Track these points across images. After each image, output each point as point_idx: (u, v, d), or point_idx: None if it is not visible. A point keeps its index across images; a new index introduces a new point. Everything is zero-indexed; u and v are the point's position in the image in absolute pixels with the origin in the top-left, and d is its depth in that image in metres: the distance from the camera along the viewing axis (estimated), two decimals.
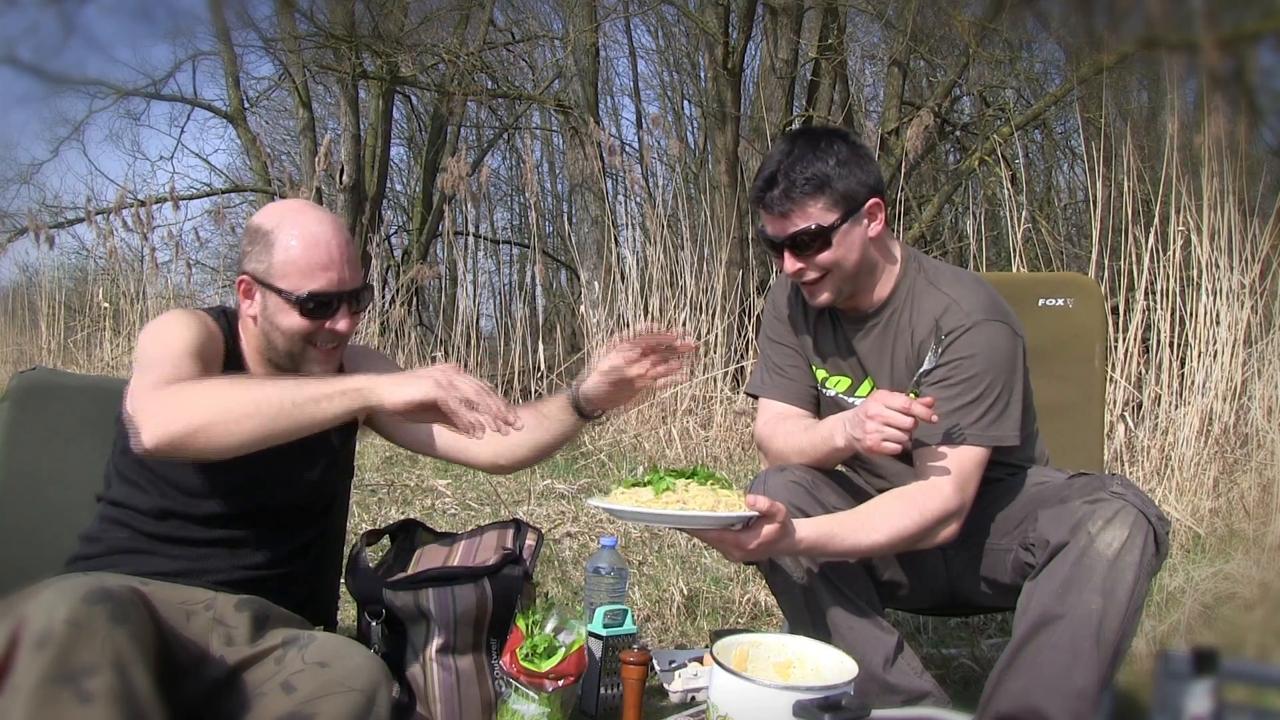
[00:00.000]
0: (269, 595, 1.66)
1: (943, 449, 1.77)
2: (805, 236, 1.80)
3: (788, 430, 1.96)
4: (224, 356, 1.69)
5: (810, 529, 1.70)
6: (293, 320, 1.64)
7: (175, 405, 1.47)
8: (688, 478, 1.69)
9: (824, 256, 1.81)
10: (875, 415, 1.70)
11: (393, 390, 1.49)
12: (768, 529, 1.63)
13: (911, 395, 1.74)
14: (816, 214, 1.80)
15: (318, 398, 1.48)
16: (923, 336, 1.84)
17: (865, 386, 1.93)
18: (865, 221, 1.83)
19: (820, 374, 2.00)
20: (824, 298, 1.86)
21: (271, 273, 1.64)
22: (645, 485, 1.69)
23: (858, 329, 1.92)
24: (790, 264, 1.83)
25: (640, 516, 1.67)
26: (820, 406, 2.02)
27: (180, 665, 1.46)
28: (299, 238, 1.64)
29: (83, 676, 1.20)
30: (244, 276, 1.68)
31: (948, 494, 1.74)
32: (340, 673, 1.42)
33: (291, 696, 1.40)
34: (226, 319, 1.74)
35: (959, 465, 1.76)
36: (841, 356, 1.95)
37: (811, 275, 1.83)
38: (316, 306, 1.64)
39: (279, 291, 1.64)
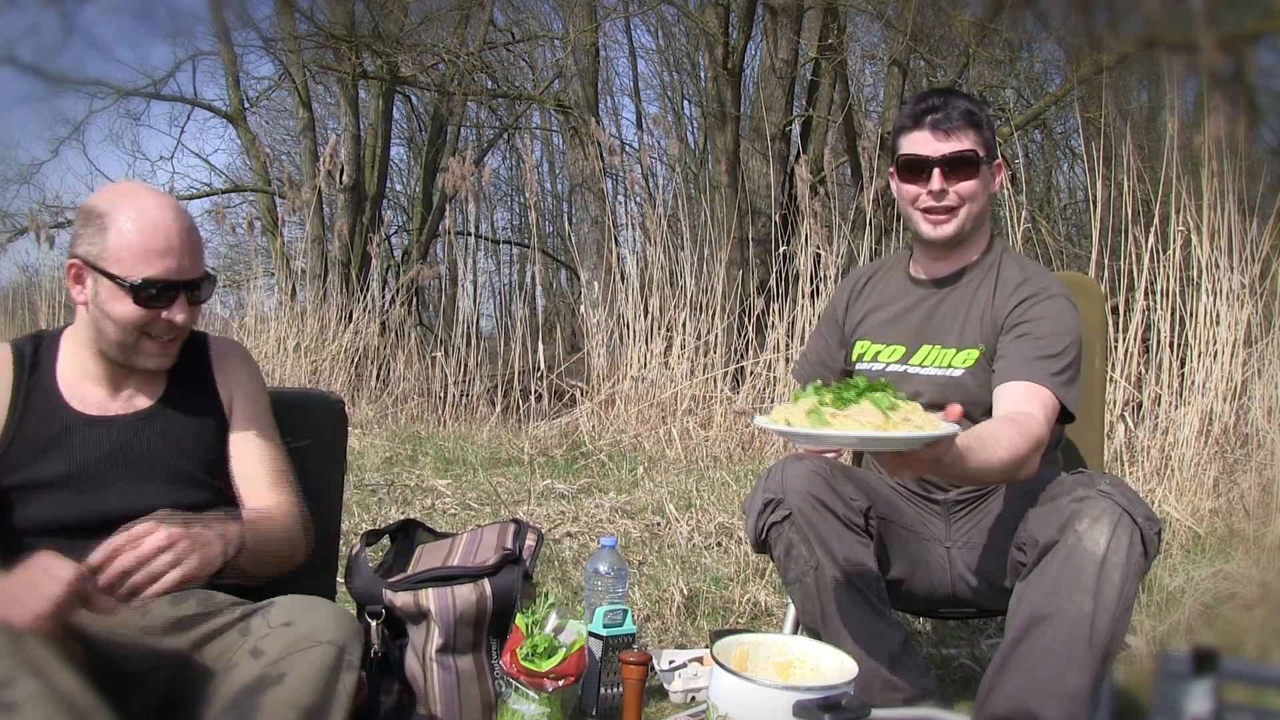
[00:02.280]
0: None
1: (1028, 385, 1.78)
2: (962, 157, 1.89)
3: None
4: (14, 381, 1.61)
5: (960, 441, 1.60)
6: (125, 308, 1.55)
7: None
8: (866, 392, 1.47)
9: (967, 185, 1.91)
10: None
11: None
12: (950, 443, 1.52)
13: (978, 351, 1.89)
14: (973, 142, 1.91)
15: None
16: (1003, 298, 1.92)
17: (920, 354, 1.96)
18: (992, 175, 1.96)
19: (867, 349, 2.02)
20: (950, 227, 1.93)
21: (105, 256, 1.54)
22: (848, 401, 1.45)
23: (938, 290, 1.99)
24: (938, 182, 1.90)
25: (878, 443, 1.44)
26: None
27: (131, 668, 1.43)
28: (135, 220, 1.54)
29: (2, 690, 1.18)
30: (74, 260, 1.58)
31: (1041, 422, 1.73)
32: (306, 628, 1.39)
33: (260, 660, 1.37)
34: (37, 341, 1.67)
35: (1043, 403, 1.77)
36: (906, 323, 1.99)
37: (953, 199, 1.91)
38: (152, 295, 1.55)
39: (111, 277, 1.54)
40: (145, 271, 1.54)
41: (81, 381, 1.64)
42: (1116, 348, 4.09)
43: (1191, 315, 4.09)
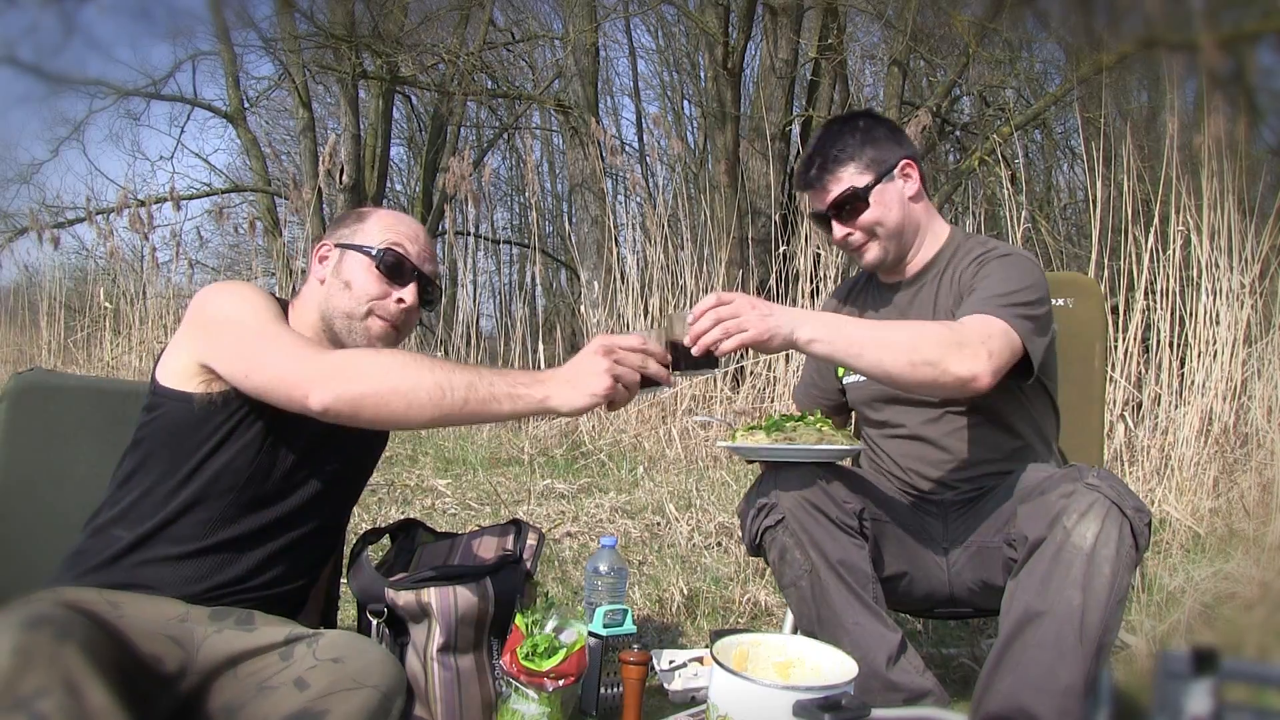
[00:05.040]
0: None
1: (980, 316, 1.75)
2: (843, 201, 1.95)
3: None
4: None
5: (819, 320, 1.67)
6: (364, 277, 1.67)
7: (352, 370, 1.47)
8: (797, 420, 1.88)
9: (865, 217, 1.95)
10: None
11: (570, 401, 1.48)
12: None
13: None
14: (849, 179, 1.95)
15: (499, 397, 1.45)
16: (958, 272, 1.94)
17: None
18: (900, 181, 1.97)
19: None
20: (872, 255, 1.99)
21: (357, 236, 1.71)
22: (765, 430, 1.86)
23: (901, 294, 2.04)
24: (838, 231, 1.98)
25: (759, 452, 1.85)
26: (847, 398, 2.14)
27: (163, 669, 1.41)
28: (391, 215, 1.76)
29: (34, 700, 1.18)
30: (326, 243, 1.74)
31: (978, 332, 1.70)
32: (354, 668, 1.38)
33: (304, 693, 1.36)
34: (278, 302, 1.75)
35: (989, 327, 1.72)
36: None
37: (858, 237, 1.97)
38: (391, 264, 1.68)
39: (359, 248, 1.69)
40: (390, 240, 1.70)
41: None
42: (1116, 348, 4.09)
43: (1191, 315, 4.10)
